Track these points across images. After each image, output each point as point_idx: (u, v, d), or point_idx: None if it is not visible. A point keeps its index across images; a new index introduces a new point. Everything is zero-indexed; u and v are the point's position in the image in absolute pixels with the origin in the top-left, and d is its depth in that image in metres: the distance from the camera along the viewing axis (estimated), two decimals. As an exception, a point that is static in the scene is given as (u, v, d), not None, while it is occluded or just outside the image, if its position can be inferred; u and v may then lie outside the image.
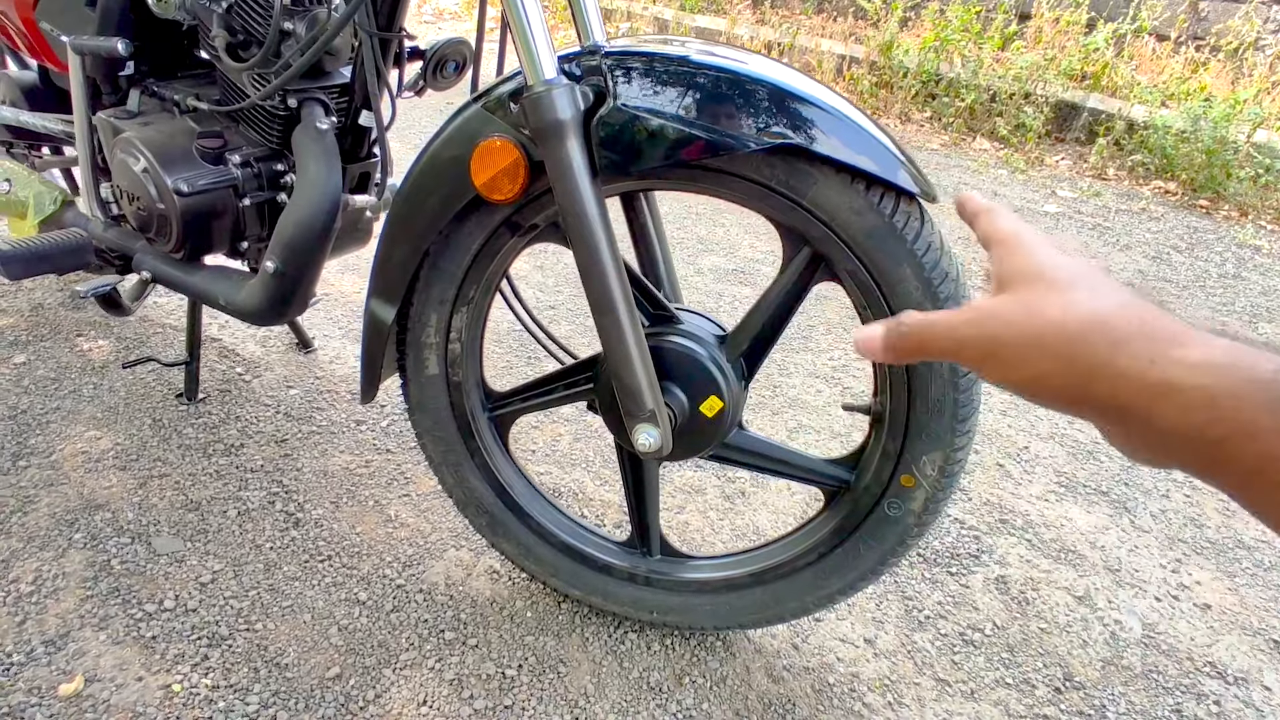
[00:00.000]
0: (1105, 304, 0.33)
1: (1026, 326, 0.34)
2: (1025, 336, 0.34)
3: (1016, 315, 0.34)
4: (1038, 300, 0.34)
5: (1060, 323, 0.33)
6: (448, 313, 1.04)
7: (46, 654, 1.07)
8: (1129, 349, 0.31)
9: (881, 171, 0.82)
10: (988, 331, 0.35)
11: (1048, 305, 0.34)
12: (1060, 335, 0.33)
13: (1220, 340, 0.30)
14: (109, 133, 1.22)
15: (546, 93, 0.81)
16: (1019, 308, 0.35)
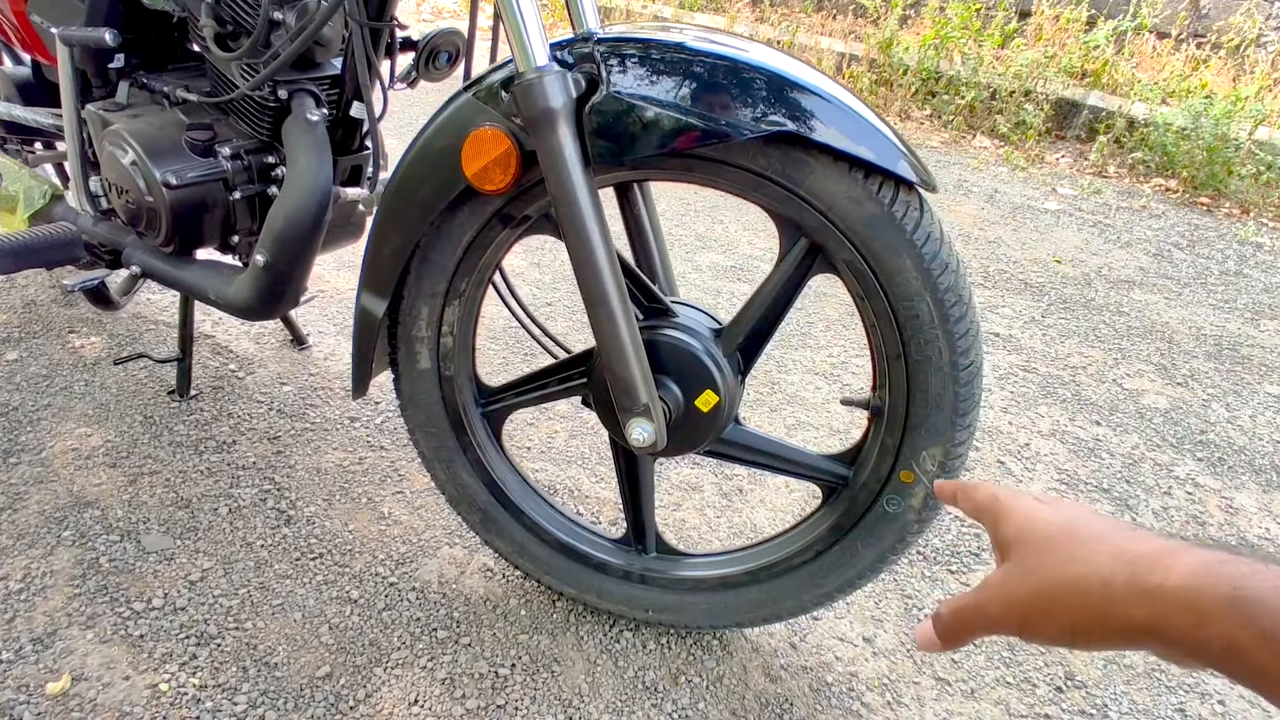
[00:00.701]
0: (1086, 550, 0.35)
1: (1035, 589, 0.37)
2: (1039, 598, 0.37)
3: (1023, 582, 0.37)
4: (1032, 562, 0.38)
5: (1055, 579, 0.36)
6: (439, 306, 1.02)
7: (34, 652, 1.05)
8: (1117, 592, 0.34)
9: (880, 160, 0.81)
10: (1010, 603, 0.38)
11: (1040, 567, 0.37)
12: (1062, 589, 0.36)
13: (1190, 555, 0.32)
14: (98, 125, 1.20)
15: (538, 80, 0.79)
16: (1021, 575, 0.38)
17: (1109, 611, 0.33)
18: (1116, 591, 0.33)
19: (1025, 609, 0.37)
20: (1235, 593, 0.30)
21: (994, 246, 2.66)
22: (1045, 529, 0.38)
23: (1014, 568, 0.38)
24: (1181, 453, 1.70)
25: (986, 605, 0.38)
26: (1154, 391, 1.93)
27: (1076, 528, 0.37)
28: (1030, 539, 0.38)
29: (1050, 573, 0.36)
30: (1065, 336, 2.13)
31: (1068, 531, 0.37)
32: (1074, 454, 1.67)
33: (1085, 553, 0.35)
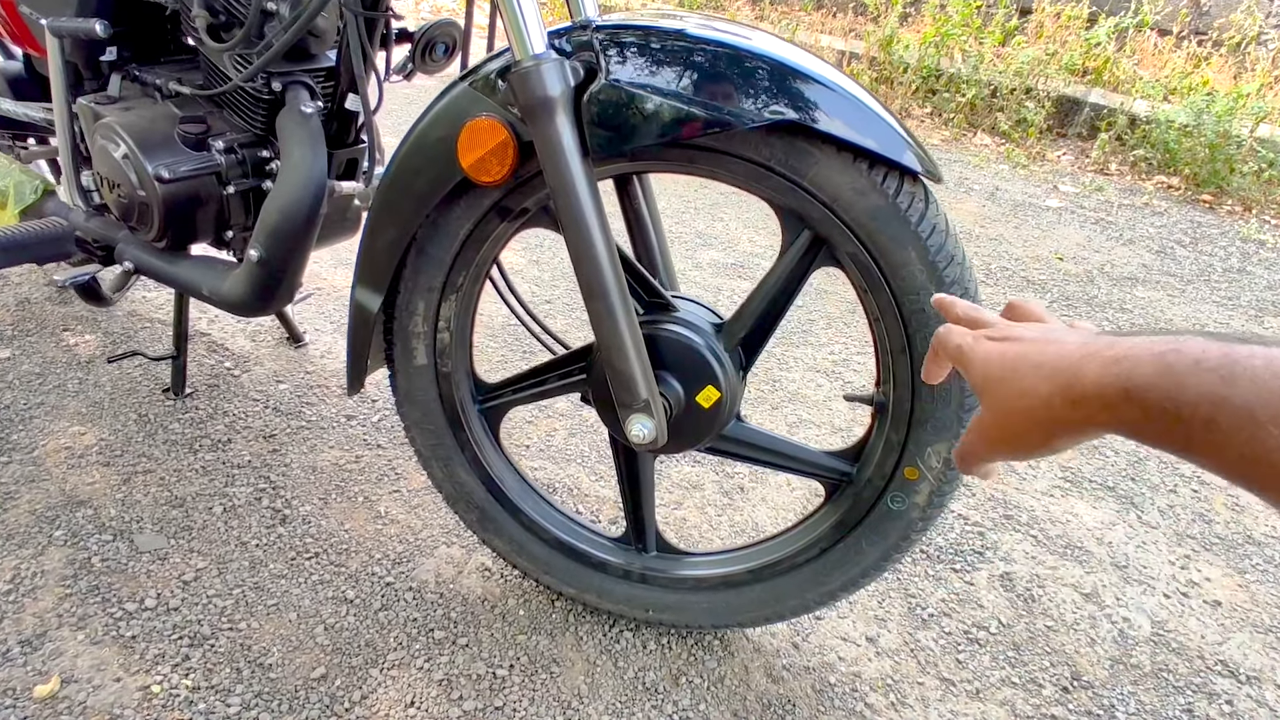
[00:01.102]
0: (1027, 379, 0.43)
1: (1003, 423, 0.44)
2: (1008, 428, 0.44)
3: (994, 420, 0.45)
4: (993, 401, 0.45)
5: (1012, 411, 0.43)
6: (436, 301, 1.01)
7: (22, 654, 1.03)
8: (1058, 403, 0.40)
9: (885, 150, 0.79)
10: (990, 437, 0.45)
11: (1000, 405, 0.44)
12: (1021, 417, 0.43)
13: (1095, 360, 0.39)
14: (89, 118, 1.18)
15: (535, 68, 0.78)
16: (990, 414, 0.45)
17: (1059, 421, 0.40)
18: (1057, 408, 0.40)
19: (1003, 437, 0.44)
20: (1127, 384, 0.36)
21: (996, 244, 2.64)
22: (998, 372, 0.44)
23: (984, 410, 0.46)
24: (1187, 450, 1.68)
25: (976, 442, 0.46)
26: (1158, 389, 1.91)
27: (1019, 363, 0.43)
28: (987, 383, 0.45)
29: (1008, 406, 0.43)
30: (1068, 334, 2.11)
31: (1013, 369, 0.43)
32: (1078, 452, 1.65)
33: (1028, 384, 0.42)
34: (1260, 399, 0.32)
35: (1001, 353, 0.45)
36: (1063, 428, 0.41)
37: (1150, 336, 0.39)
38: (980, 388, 0.46)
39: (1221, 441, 0.33)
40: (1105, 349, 0.39)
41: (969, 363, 0.47)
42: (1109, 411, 0.38)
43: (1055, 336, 0.44)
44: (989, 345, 0.46)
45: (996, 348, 0.46)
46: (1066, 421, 0.40)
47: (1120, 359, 0.38)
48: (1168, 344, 0.37)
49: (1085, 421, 0.39)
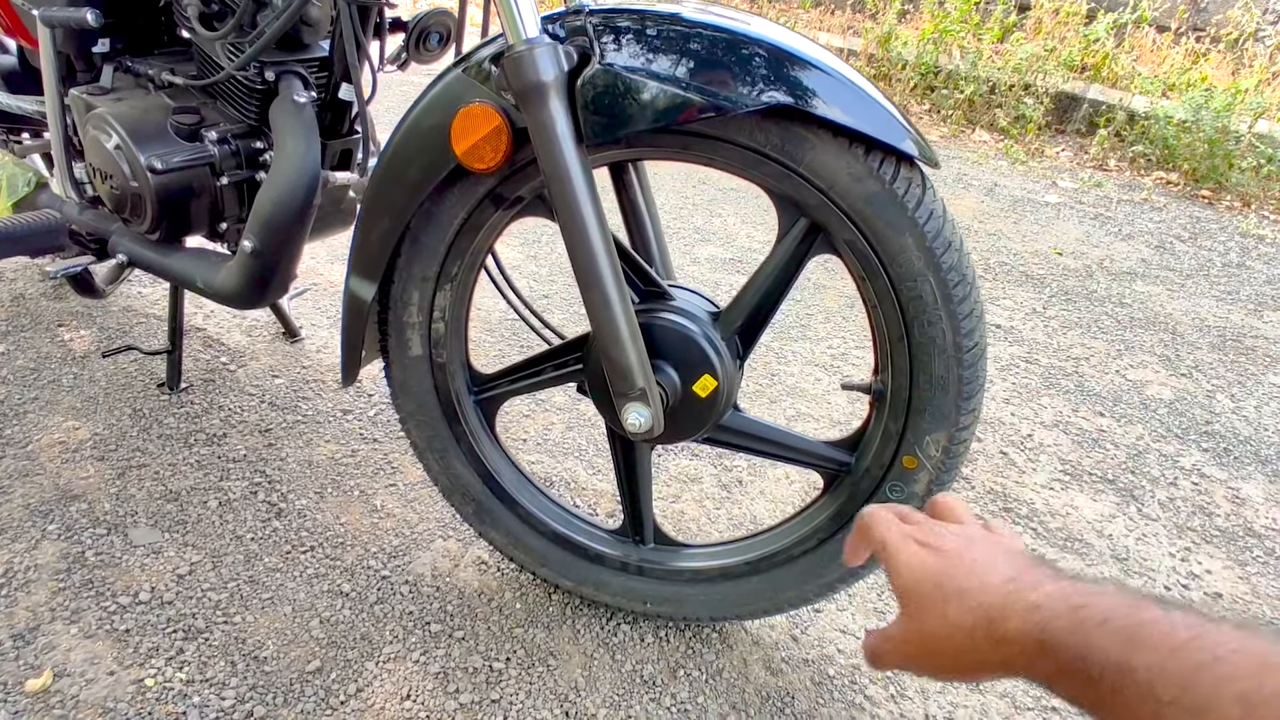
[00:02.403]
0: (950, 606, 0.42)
1: (922, 644, 0.43)
2: (926, 650, 0.43)
3: (914, 637, 0.44)
4: (916, 620, 0.44)
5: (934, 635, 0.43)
6: (430, 291, 1.00)
7: (14, 648, 1.03)
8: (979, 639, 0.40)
9: (881, 135, 0.78)
10: (907, 656, 0.45)
11: (923, 627, 0.43)
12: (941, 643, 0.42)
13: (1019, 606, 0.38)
14: (81, 109, 1.18)
15: (528, 52, 0.77)
16: (912, 629, 0.44)
17: (979, 657, 0.40)
18: (980, 644, 0.40)
19: (923, 656, 0.43)
20: (1041, 636, 0.36)
21: (994, 239, 2.64)
22: (921, 587, 0.43)
23: (907, 621, 0.44)
24: (1187, 444, 1.68)
25: (894, 652, 0.45)
26: (1158, 383, 1.90)
27: (946, 584, 0.42)
28: (911, 597, 0.44)
29: (933, 630, 0.42)
30: (1067, 328, 2.11)
31: (939, 588, 0.42)
32: (1078, 445, 1.64)
33: (954, 614, 0.41)
34: (1161, 676, 0.32)
35: (925, 565, 0.44)
36: (985, 663, 0.40)
37: (1070, 583, 0.38)
38: (903, 597, 0.44)
39: (1128, 713, 0.33)
40: (1028, 590, 0.39)
41: (893, 565, 0.46)
42: (1026, 659, 0.37)
43: (981, 557, 0.43)
44: (915, 551, 0.45)
45: (922, 557, 0.45)
46: (989, 658, 0.40)
47: (1038, 606, 0.37)
48: (1083, 595, 0.36)
49: (1005, 664, 0.39)
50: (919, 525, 0.48)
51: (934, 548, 0.45)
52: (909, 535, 0.47)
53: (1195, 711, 0.30)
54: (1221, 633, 0.32)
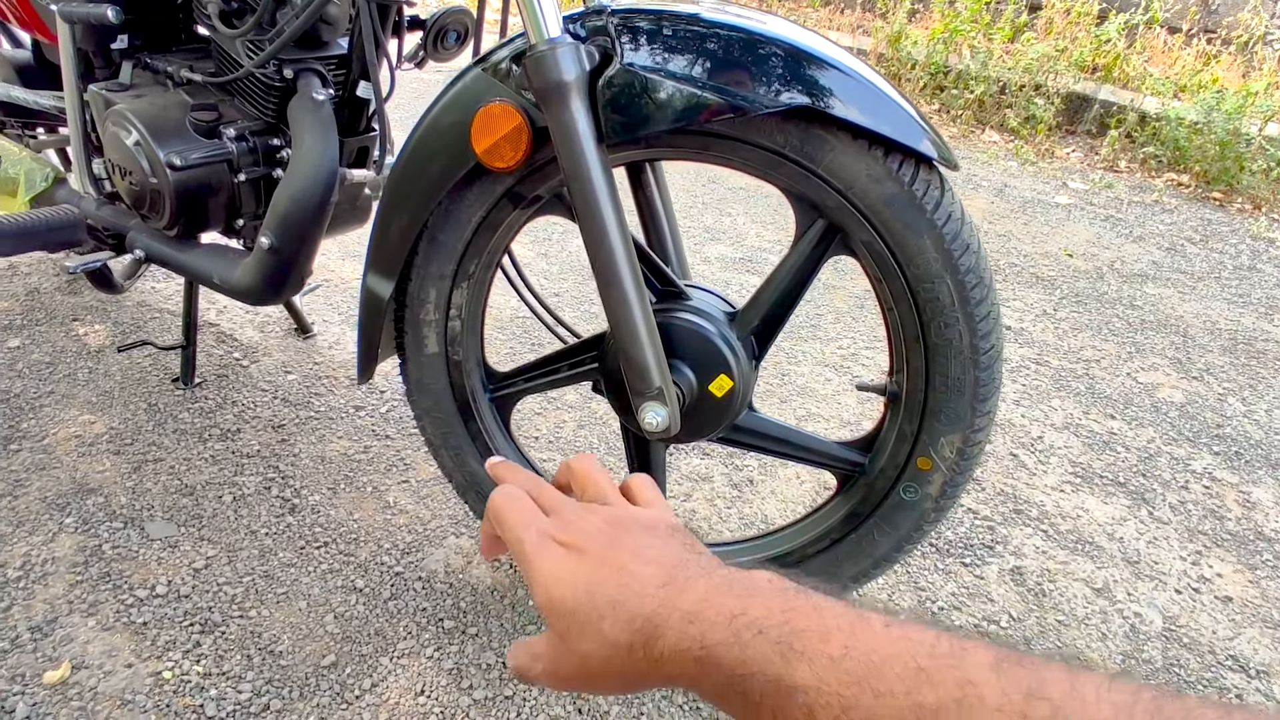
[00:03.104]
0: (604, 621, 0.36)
1: (577, 667, 0.37)
2: (584, 673, 0.37)
3: (566, 660, 0.38)
4: (566, 641, 0.37)
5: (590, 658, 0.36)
6: (447, 289, 1.00)
7: (33, 641, 1.03)
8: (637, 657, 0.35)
9: (901, 136, 0.79)
10: (562, 678, 0.38)
11: (575, 649, 0.37)
12: (599, 665, 0.36)
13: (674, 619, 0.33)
14: (100, 105, 1.18)
15: (550, 52, 0.77)
16: (563, 652, 0.38)
17: (644, 675, 0.35)
18: (639, 662, 0.35)
19: (576, 677, 0.38)
20: (700, 653, 0.32)
21: (1004, 240, 2.63)
22: (569, 602, 0.37)
23: (555, 642, 0.38)
24: (1198, 446, 1.68)
25: (542, 675, 0.39)
26: (1169, 385, 1.90)
27: (594, 595, 0.36)
28: (558, 613, 0.37)
29: (586, 651, 0.36)
30: (1078, 330, 2.11)
31: (589, 601, 0.36)
32: (1089, 447, 1.64)
33: (609, 628, 0.35)
34: (820, 696, 0.28)
35: (572, 573, 0.37)
36: (648, 680, 0.35)
37: (724, 579, 0.33)
38: (548, 612, 0.37)
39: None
40: (680, 595, 0.34)
41: (533, 575, 0.38)
42: (688, 678, 0.33)
43: (631, 555, 0.37)
44: (555, 555, 0.38)
45: (566, 564, 0.37)
46: (651, 676, 0.35)
47: (696, 617, 0.33)
48: (740, 598, 0.32)
49: (670, 680, 0.34)
50: (559, 515, 0.40)
51: (578, 549, 0.38)
52: (547, 534, 0.39)
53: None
54: (874, 634, 0.29)
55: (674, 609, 0.34)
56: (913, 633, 0.29)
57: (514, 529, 0.40)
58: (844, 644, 0.29)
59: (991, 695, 0.26)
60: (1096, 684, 0.25)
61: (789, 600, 0.32)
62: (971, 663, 0.27)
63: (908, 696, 0.27)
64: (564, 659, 0.37)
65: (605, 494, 0.44)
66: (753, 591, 0.33)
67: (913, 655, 0.28)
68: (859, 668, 0.28)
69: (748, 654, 0.30)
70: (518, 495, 0.41)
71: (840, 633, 0.30)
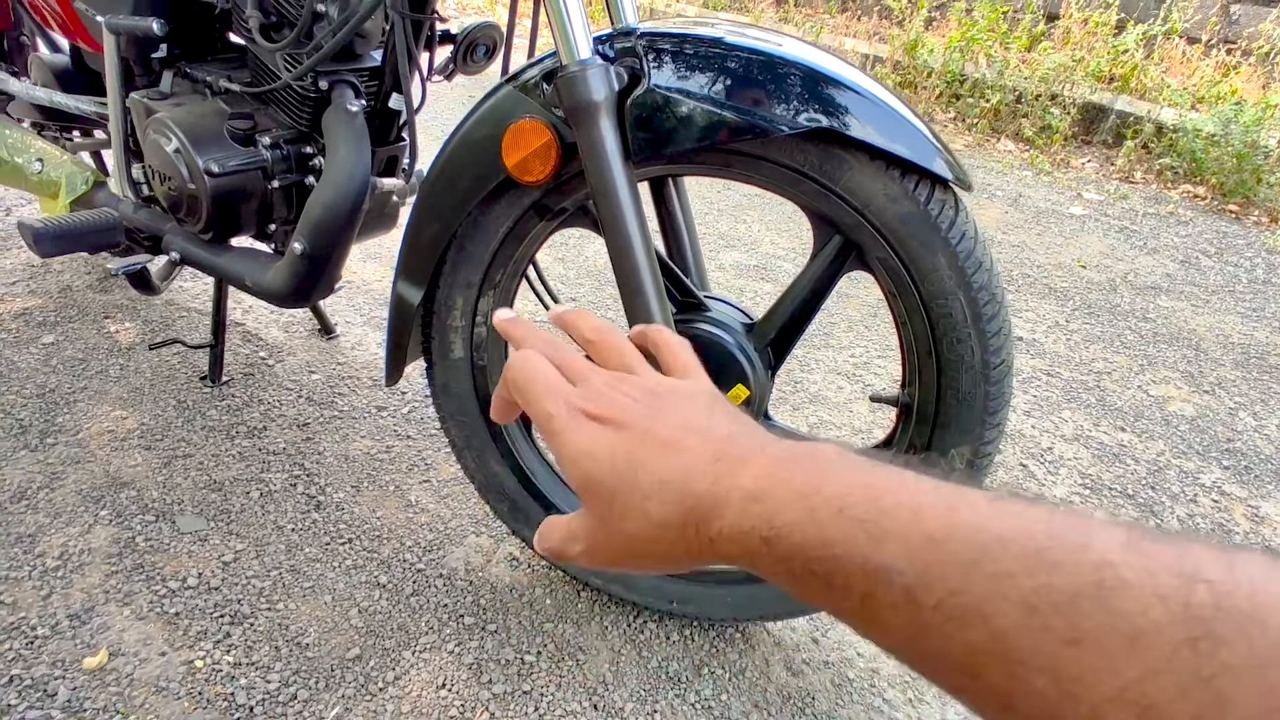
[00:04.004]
0: (650, 500, 0.33)
1: (621, 546, 0.34)
2: (626, 553, 0.34)
3: (607, 540, 0.35)
4: (604, 519, 0.34)
5: (634, 537, 0.34)
6: (474, 296, 1.04)
7: (71, 628, 1.08)
8: (689, 537, 0.32)
9: (917, 157, 0.81)
10: (600, 558, 0.36)
11: (616, 528, 0.34)
12: (643, 544, 0.34)
13: (732, 504, 0.31)
14: (142, 113, 1.23)
15: (581, 73, 0.80)
16: (600, 529, 0.35)
17: (692, 554, 0.33)
18: (691, 542, 0.32)
19: (619, 559, 0.35)
20: (767, 534, 0.29)
21: (1018, 250, 2.65)
22: (609, 481, 0.33)
23: (593, 522, 0.35)
24: (1208, 460, 1.69)
25: (581, 556, 0.36)
26: (1180, 399, 1.91)
27: (638, 474, 0.33)
28: (596, 493, 0.34)
29: (629, 531, 0.33)
30: (1090, 341, 2.12)
31: (632, 481, 0.33)
32: (1098, 459, 1.66)
33: (656, 508, 0.32)
34: (920, 578, 0.25)
35: (610, 451, 0.34)
36: (699, 559, 0.33)
37: (785, 453, 0.31)
38: (584, 491, 0.35)
39: (883, 621, 0.26)
40: (738, 471, 0.31)
41: (566, 451, 0.35)
42: (750, 558, 0.30)
43: (675, 428, 0.34)
44: (589, 431, 0.35)
45: (603, 440, 0.34)
46: (704, 555, 0.32)
47: (760, 496, 0.30)
48: (807, 473, 0.29)
49: (727, 559, 0.32)
50: (587, 384, 0.37)
51: (615, 423, 0.34)
52: (577, 407, 0.35)
53: (966, 619, 0.24)
54: (976, 512, 0.26)
55: (732, 487, 0.31)
56: (1022, 509, 0.25)
57: (540, 402, 0.36)
58: (943, 522, 0.26)
59: (1135, 577, 0.22)
60: (1258, 564, 0.21)
61: (868, 475, 0.29)
62: (1102, 542, 0.23)
63: (1030, 579, 0.23)
64: (604, 540, 0.35)
65: (632, 362, 0.39)
66: (823, 466, 0.30)
67: (1028, 535, 0.24)
68: (965, 549, 0.25)
69: (828, 534, 0.27)
70: (541, 364, 0.37)
71: (936, 510, 0.26)
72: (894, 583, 0.25)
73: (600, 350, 0.41)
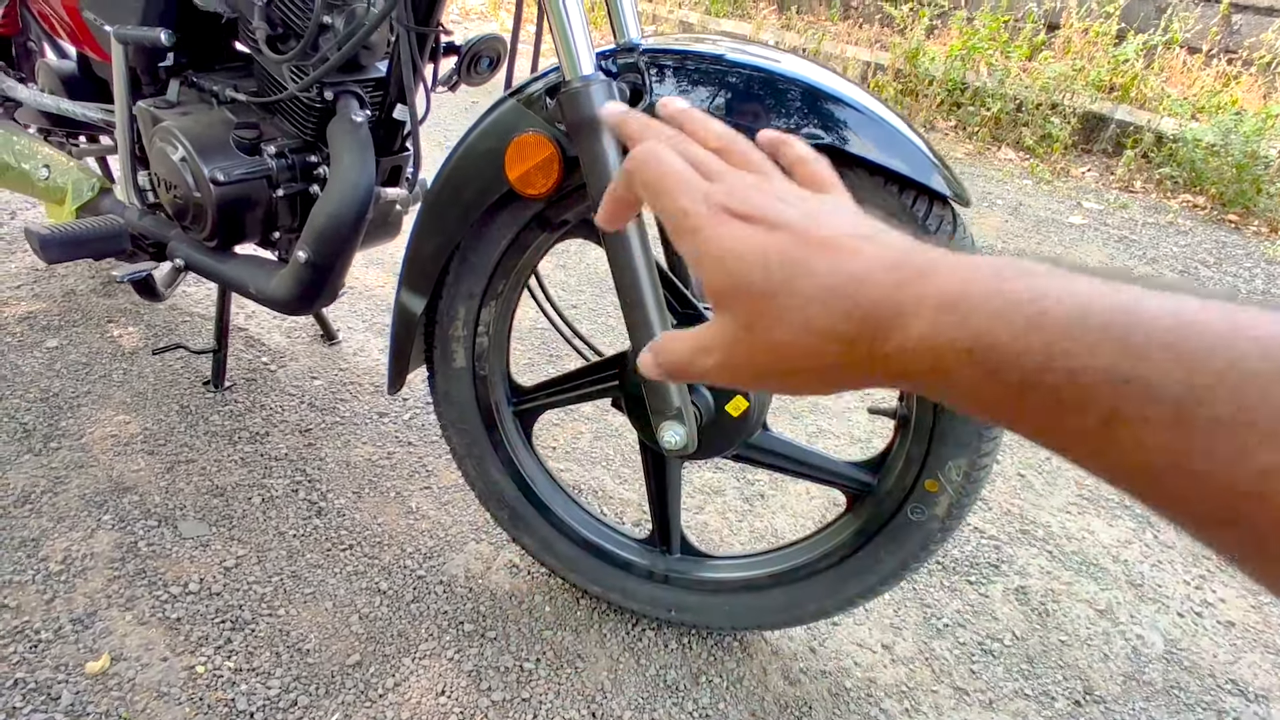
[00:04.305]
0: (812, 307, 0.29)
1: (768, 357, 0.31)
2: (763, 366, 0.31)
3: (750, 348, 0.31)
4: (749, 324, 0.31)
5: (784, 350, 0.30)
6: (476, 307, 1.05)
7: (74, 632, 1.08)
8: (857, 351, 0.29)
9: (915, 174, 0.82)
10: (738, 371, 0.32)
11: (762, 332, 0.30)
12: (796, 357, 0.30)
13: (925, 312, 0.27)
14: (148, 122, 1.24)
15: (584, 88, 0.81)
16: (744, 336, 0.31)
17: (854, 371, 0.29)
18: (858, 356, 0.28)
19: (766, 378, 0.31)
20: (974, 345, 0.26)
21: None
22: (754, 289, 0.30)
23: (738, 330, 0.31)
24: (1204, 471, 1.70)
25: (713, 370, 0.32)
26: (1178, 409, 1.92)
27: (795, 277, 0.29)
28: (743, 297, 0.30)
29: (782, 340, 0.30)
30: (1088, 351, 2.13)
31: (784, 292, 0.29)
32: (1096, 469, 1.67)
33: (819, 316, 0.29)
34: (1188, 383, 0.22)
35: (762, 252, 0.30)
36: (862, 378, 0.29)
37: (1002, 268, 0.27)
38: (726, 296, 0.31)
39: (1128, 443, 0.23)
40: (928, 282, 0.27)
41: (703, 248, 0.31)
42: (942, 376, 0.27)
43: (834, 235, 0.30)
44: (737, 230, 0.31)
45: (750, 239, 0.30)
46: (870, 373, 0.29)
47: (957, 305, 0.26)
48: (1028, 285, 0.25)
49: (899, 379, 0.28)
50: (724, 182, 0.33)
51: (766, 223, 0.31)
52: (720, 204, 0.32)
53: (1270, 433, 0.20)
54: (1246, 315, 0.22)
55: (920, 295, 0.27)
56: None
57: (674, 196, 0.32)
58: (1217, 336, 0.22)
59: None
60: None
61: (1097, 285, 0.24)
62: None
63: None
64: (747, 352, 0.31)
65: (763, 165, 0.35)
66: (1036, 275, 0.26)
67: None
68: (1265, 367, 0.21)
69: (1062, 345, 0.24)
70: (672, 157, 0.33)
71: (1197, 327, 0.22)
72: (1162, 397, 0.22)
73: (730, 155, 0.35)
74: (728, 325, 0.31)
